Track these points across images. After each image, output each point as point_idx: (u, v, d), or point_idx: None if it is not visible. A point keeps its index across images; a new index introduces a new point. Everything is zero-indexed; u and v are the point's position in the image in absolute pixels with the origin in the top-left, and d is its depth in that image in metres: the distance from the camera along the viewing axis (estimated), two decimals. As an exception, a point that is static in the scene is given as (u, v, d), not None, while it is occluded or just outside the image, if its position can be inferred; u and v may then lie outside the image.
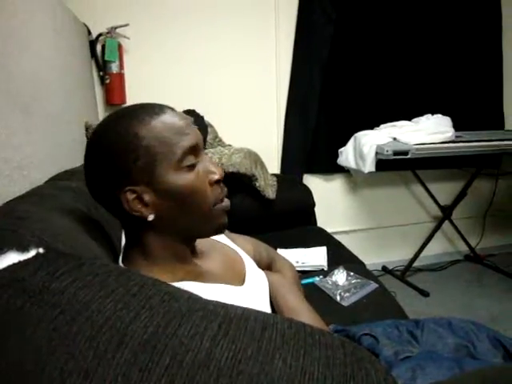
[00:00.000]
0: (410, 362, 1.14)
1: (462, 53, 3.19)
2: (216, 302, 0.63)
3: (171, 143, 0.79)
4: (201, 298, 0.63)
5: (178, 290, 0.65)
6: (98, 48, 2.54)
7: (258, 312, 0.60)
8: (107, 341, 0.52)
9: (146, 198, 0.80)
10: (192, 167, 0.82)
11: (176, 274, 0.86)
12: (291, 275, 1.24)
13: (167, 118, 0.80)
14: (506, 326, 2.53)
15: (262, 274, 1.09)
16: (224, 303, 0.61)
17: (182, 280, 0.84)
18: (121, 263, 0.89)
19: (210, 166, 0.86)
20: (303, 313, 1.05)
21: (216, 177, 0.85)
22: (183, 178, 0.80)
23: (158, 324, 0.55)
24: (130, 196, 0.80)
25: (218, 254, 1.00)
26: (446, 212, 3.29)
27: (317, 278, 1.82)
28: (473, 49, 3.20)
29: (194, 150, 0.82)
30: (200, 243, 0.97)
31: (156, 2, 2.60)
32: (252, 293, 0.97)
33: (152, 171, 0.79)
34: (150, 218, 0.81)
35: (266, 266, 1.24)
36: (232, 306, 0.61)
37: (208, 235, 0.92)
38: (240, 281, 0.97)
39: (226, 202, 0.88)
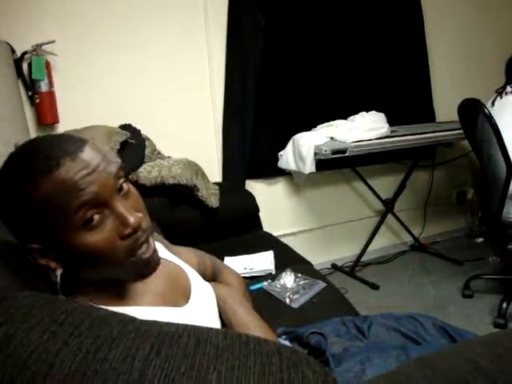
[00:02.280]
0: (358, 355, 1.16)
1: (390, 51, 3.30)
2: (150, 321, 0.62)
3: (62, 204, 0.70)
4: (134, 320, 0.62)
5: (110, 314, 0.63)
6: (25, 67, 2.44)
7: (192, 328, 0.59)
8: (33, 375, 0.50)
9: (51, 254, 0.76)
10: (94, 225, 0.73)
11: (118, 299, 0.83)
12: (238, 285, 1.21)
13: (60, 174, 0.70)
14: (452, 310, 2.64)
15: (208, 287, 1.07)
16: (158, 322, 0.60)
17: (120, 305, 0.81)
18: (59, 290, 0.85)
19: (123, 215, 0.75)
20: (252, 325, 1.04)
21: (127, 231, 0.75)
22: (83, 240, 0.72)
23: (88, 350, 0.54)
24: (35, 251, 0.75)
25: (159, 272, 0.96)
26: (388, 205, 3.38)
27: (265, 283, 1.82)
28: (400, 47, 3.32)
29: (95, 204, 0.72)
30: None
31: (82, 17, 2.53)
32: (197, 311, 0.94)
33: (48, 234, 0.73)
34: (58, 272, 0.78)
35: (212, 277, 1.22)
36: (166, 324, 0.60)
37: (130, 281, 0.86)
38: (185, 298, 0.94)
39: (144, 253, 0.78)
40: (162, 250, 1.04)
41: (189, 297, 0.95)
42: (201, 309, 0.96)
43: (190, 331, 0.57)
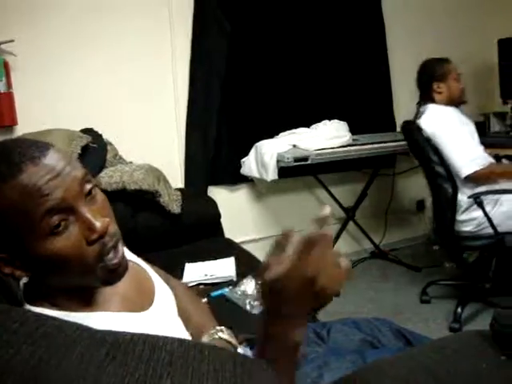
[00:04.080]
0: (315, 360, 1.18)
1: (353, 60, 3.36)
2: (105, 330, 0.61)
3: (26, 211, 0.68)
4: (89, 329, 0.61)
5: (65, 322, 0.62)
6: (-18, 66, 2.38)
7: (148, 336, 0.59)
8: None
9: (16, 263, 0.73)
10: (60, 231, 0.71)
11: (83, 304, 0.82)
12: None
13: (22, 180, 0.68)
14: (409, 315, 2.70)
15: (167, 288, 1.07)
16: (113, 331, 0.60)
17: (90, 311, 0.81)
18: (22, 298, 0.82)
19: (90, 220, 0.73)
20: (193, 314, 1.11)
21: (94, 236, 0.73)
22: (50, 245, 0.70)
23: (40, 357, 0.53)
24: None
25: (126, 275, 0.96)
26: (350, 213, 3.42)
27: (226, 290, 1.82)
28: (362, 56, 3.39)
29: (60, 210, 0.70)
30: None
31: (44, 16, 2.48)
32: (160, 313, 0.94)
33: (13, 242, 0.71)
34: (23, 280, 0.76)
35: None
36: (121, 332, 0.60)
37: (96, 287, 0.84)
38: (149, 301, 0.93)
39: (113, 259, 0.77)
40: (127, 252, 1.04)
41: (153, 299, 0.95)
42: (164, 311, 0.96)
43: (146, 339, 0.57)
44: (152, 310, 0.92)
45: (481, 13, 3.96)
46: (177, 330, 0.99)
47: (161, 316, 0.94)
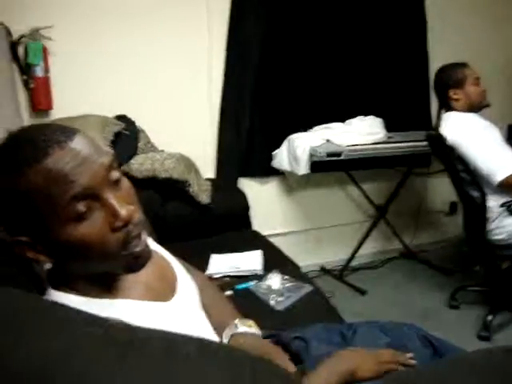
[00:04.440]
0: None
1: (391, 56, 3.27)
2: (120, 324, 0.60)
3: (52, 196, 0.68)
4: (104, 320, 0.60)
5: (77, 312, 0.61)
6: (21, 50, 2.40)
7: (163, 334, 0.57)
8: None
9: (38, 247, 0.73)
10: (83, 217, 0.71)
11: (107, 291, 0.82)
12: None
13: (51, 163, 0.68)
14: (437, 320, 2.64)
15: (190, 279, 1.07)
16: (128, 326, 0.58)
17: (114, 298, 0.81)
18: (47, 283, 0.83)
19: (115, 207, 0.73)
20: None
21: (118, 223, 0.73)
22: (73, 231, 0.70)
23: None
24: (21, 243, 0.73)
25: (149, 264, 0.96)
26: (381, 211, 3.36)
27: (251, 283, 1.81)
28: (400, 53, 3.30)
29: (86, 196, 0.71)
30: None
31: (82, 2, 2.50)
32: (183, 304, 0.94)
33: (37, 226, 0.71)
34: (47, 265, 0.76)
35: None
36: (137, 329, 0.58)
37: (119, 275, 0.84)
38: (171, 291, 0.93)
39: (136, 247, 0.77)
40: (151, 242, 1.03)
41: (175, 290, 0.94)
42: (186, 302, 0.96)
43: (161, 337, 0.56)
44: (175, 301, 0.92)
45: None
46: (199, 322, 0.99)
47: (183, 307, 0.94)
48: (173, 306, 0.90)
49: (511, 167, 2.23)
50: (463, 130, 2.37)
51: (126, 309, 0.81)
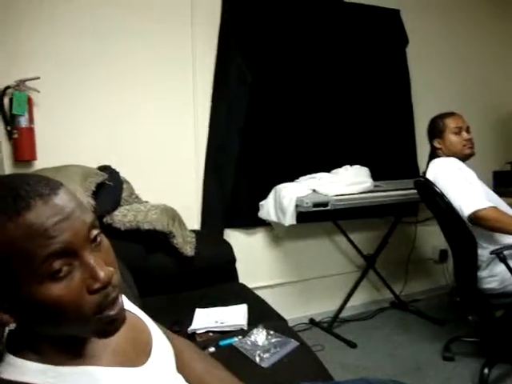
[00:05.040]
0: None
1: (376, 106, 3.34)
2: None
3: (28, 252, 0.64)
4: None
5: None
6: (6, 101, 2.41)
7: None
8: None
9: (5, 305, 0.68)
10: (61, 276, 0.66)
11: (71, 357, 0.75)
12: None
13: (30, 218, 0.64)
14: (430, 373, 2.55)
15: (166, 340, 1.01)
16: None
17: (79, 364, 0.74)
18: (5, 348, 0.76)
19: (94, 268, 0.69)
20: (210, 380, 1.06)
21: (96, 285, 0.69)
22: (46, 290, 0.65)
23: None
24: None
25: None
26: (370, 261, 3.33)
27: (236, 339, 1.74)
28: (385, 102, 3.37)
29: (65, 254, 0.67)
30: None
31: (67, 55, 2.52)
32: (157, 368, 0.88)
33: (7, 282, 0.65)
34: (11, 326, 0.70)
35: None
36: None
37: (88, 339, 0.79)
38: (145, 355, 0.87)
39: (113, 311, 0.72)
40: (125, 300, 0.98)
41: (150, 353, 0.89)
42: (161, 366, 0.90)
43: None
44: (148, 365, 0.86)
45: (507, 60, 3.96)
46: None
47: (158, 371, 0.88)
48: (146, 371, 0.84)
49: (479, 203, 2.22)
50: (441, 170, 2.42)
51: (93, 377, 0.74)
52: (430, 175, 2.48)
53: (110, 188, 2.30)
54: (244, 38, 2.87)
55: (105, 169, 2.43)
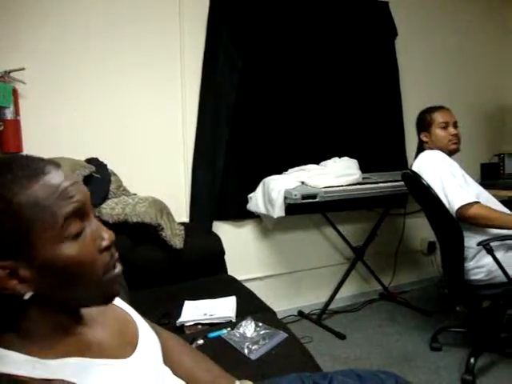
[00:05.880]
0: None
1: (365, 98, 3.34)
2: None
3: (51, 211, 0.68)
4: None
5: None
6: (-9, 93, 2.38)
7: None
8: None
9: (22, 273, 0.68)
10: (77, 235, 0.71)
11: (58, 349, 0.75)
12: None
13: (49, 179, 0.69)
14: (419, 363, 2.58)
15: (153, 334, 1.01)
16: None
17: (65, 356, 0.74)
18: None
19: (99, 229, 0.76)
20: (199, 373, 1.08)
21: (105, 243, 0.75)
22: (67, 250, 0.70)
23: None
24: (2, 272, 0.67)
25: (107, 318, 0.90)
26: (359, 253, 3.34)
27: (224, 331, 1.74)
28: (374, 94, 3.37)
29: (80, 214, 0.72)
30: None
31: (54, 46, 2.49)
32: (143, 361, 0.88)
33: (28, 244, 0.67)
34: (27, 296, 0.69)
35: None
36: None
37: (96, 305, 0.82)
38: (131, 348, 0.88)
39: (118, 269, 0.79)
40: None
41: (136, 345, 0.89)
42: (147, 358, 0.90)
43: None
44: (135, 357, 0.86)
45: (496, 54, 3.97)
46: (162, 379, 0.92)
47: (145, 363, 0.88)
48: (132, 362, 0.85)
49: (462, 198, 2.25)
50: (424, 163, 2.45)
51: (80, 368, 0.74)
52: (415, 167, 2.50)
53: (97, 181, 2.28)
54: (233, 27, 2.85)
55: (92, 161, 2.41)
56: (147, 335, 0.96)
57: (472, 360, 2.37)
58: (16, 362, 0.69)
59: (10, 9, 2.38)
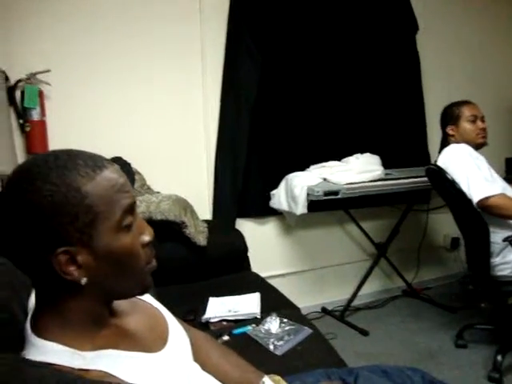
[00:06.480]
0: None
1: (387, 94, 3.32)
2: None
3: (113, 202, 0.74)
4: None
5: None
6: (17, 95, 2.42)
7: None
8: None
9: (81, 259, 0.72)
10: (129, 227, 0.77)
11: (94, 341, 0.78)
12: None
13: (109, 173, 0.75)
14: (443, 360, 2.56)
15: (182, 330, 1.03)
16: None
17: (100, 348, 0.77)
18: (29, 329, 0.78)
19: (143, 225, 0.82)
20: (227, 368, 1.10)
21: (147, 238, 0.81)
22: (122, 239, 0.76)
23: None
24: (64, 258, 0.70)
25: (138, 313, 0.93)
26: (381, 249, 3.32)
27: (249, 327, 1.75)
28: (396, 90, 3.35)
29: (132, 209, 0.78)
30: (120, 301, 0.89)
31: (79, 48, 2.53)
32: (174, 355, 0.90)
33: (91, 232, 0.72)
34: (83, 281, 0.73)
35: None
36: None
37: (133, 296, 0.88)
38: (162, 342, 0.90)
39: (155, 263, 0.84)
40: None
41: (166, 340, 0.91)
42: (177, 353, 0.92)
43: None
44: (166, 351, 0.88)
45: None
46: (192, 374, 0.94)
47: (175, 358, 0.90)
48: (163, 356, 0.87)
49: (488, 190, 2.24)
50: (452, 156, 2.44)
51: (114, 360, 0.77)
52: (440, 162, 2.48)
53: (122, 179, 2.31)
54: (254, 23, 2.85)
55: (116, 160, 2.44)
56: (177, 331, 0.97)
57: (499, 357, 2.34)
58: (57, 352, 0.72)
59: (34, 12, 2.43)
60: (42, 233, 0.70)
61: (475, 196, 2.25)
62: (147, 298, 1.01)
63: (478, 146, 2.49)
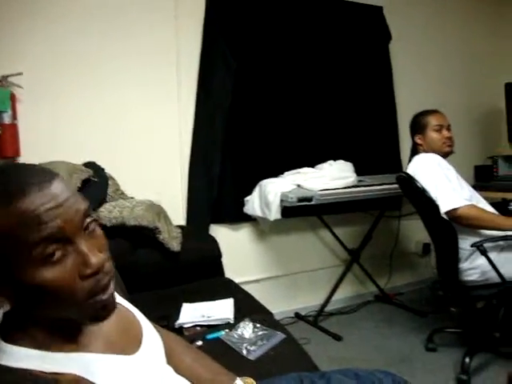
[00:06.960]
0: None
1: (360, 101, 3.38)
2: None
3: (22, 237, 0.66)
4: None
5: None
6: (-12, 98, 2.39)
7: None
8: None
9: (1, 288, 0.69)
10: (54, 261, 0.68)
11: (65, 343, 0.77)
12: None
13: (24, 203, 0.67)
14: (415, 363, 2.60)
15: (156, 334, 1.03)
16: None
17: (72, 351, 0.76)
18: None
19: (86, 254, 0.71)
20: (200, 370, 1.10)
21: (88, 271, 0.71)
22: (42, 275, 0.67)
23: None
24: None
25: (113, 316, 0.91)
26: (354, 255, 3.36)
27: (223, 332, 1.75)
28: (369, 98, 3.41)
29: (59, 239, 0.69)
30: None
31: (50, 51, 2.50)
32: (148, 358, 0.90)
33: (2, 268, 0.68)
34: (5, 308, 0.72)
35: None
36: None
37: (83, 324, 0.81)
38: (136, 345, 0.90)
39: (107, 295, 0.75)
40: (115, 294, 1.00)
41: (140, 343, 0.91)
42: (151, 356, 0.92)
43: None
44: (140, 354, 0.88)
45: (488, 57, 4.02)
46: (166, 376, 0.94)
47: (149, 360, 0.90)
48: (137, 359, 0.86)
49: (455, 201, 2.30)
50: (419, 166, 2.49)
51: (87, 363, 0.76)
52: (410, 170, 2.53)
53: (95, 184, 2.29)
54: (229, 31, 2.88)
55: (90, 165, 2.42)
56: (151, 334, 0.97)
57: (467, 360, 2.39)
58: (27, 357, 0.71)
59: (6, 13, 2.40)
60: None
61: (443, 207, 2.30)
62: (121, 300, 1.00)
63: (444, 155, 2.54)
